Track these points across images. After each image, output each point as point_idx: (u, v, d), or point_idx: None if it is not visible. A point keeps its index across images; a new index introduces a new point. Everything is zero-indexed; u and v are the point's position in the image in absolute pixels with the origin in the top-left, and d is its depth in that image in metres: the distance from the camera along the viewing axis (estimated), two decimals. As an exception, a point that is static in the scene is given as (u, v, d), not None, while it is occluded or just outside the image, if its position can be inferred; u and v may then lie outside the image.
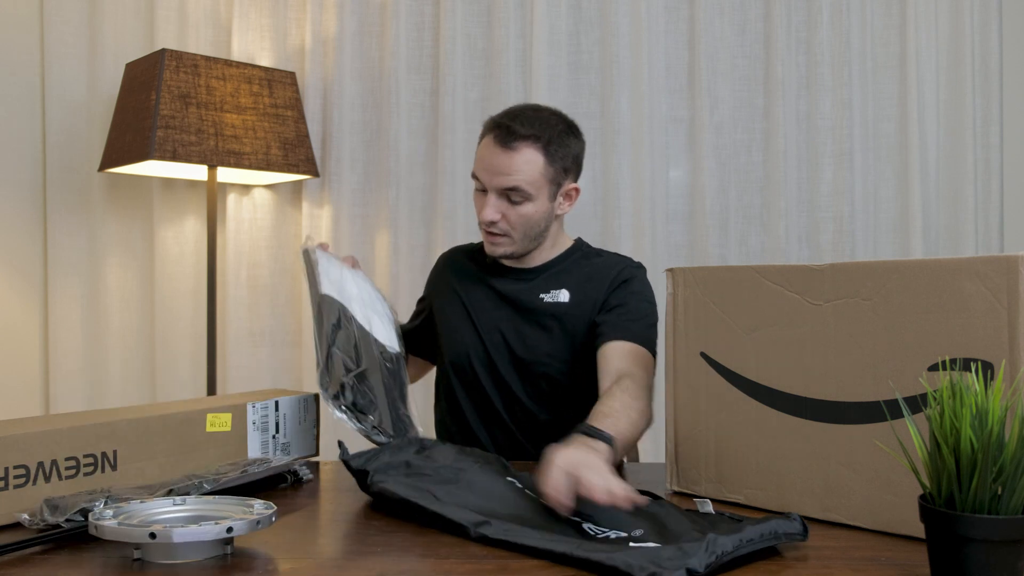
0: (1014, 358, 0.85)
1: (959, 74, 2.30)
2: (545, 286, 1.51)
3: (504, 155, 1.42)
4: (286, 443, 1.33)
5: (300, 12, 2.39)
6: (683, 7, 2.34)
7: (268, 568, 0.84)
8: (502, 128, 1.43)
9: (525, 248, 1.49)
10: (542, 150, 1.43)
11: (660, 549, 0.81)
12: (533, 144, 1.42)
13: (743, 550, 0.82)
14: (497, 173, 1.42)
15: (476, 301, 1.54)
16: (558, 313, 1.48)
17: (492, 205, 1.43)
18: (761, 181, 2.32)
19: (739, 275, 1.08)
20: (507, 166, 1.41)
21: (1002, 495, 0.70)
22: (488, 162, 1.43)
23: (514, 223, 1.45)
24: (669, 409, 1.16)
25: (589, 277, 1.51)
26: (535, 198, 1.44)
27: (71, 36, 2.34)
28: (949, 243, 2.31)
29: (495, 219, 1.44)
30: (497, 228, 1.45)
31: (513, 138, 1.41)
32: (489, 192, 1.44)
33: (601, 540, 0.87)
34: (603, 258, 1.56)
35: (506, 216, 1.44)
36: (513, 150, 1.41)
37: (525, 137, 1.42)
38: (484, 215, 1.44)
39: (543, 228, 1.49)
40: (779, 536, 0.86)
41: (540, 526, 0.93)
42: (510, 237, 1.47)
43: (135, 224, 2.40)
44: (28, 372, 2.35)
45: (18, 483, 1.00)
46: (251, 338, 2.36)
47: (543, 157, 1.43)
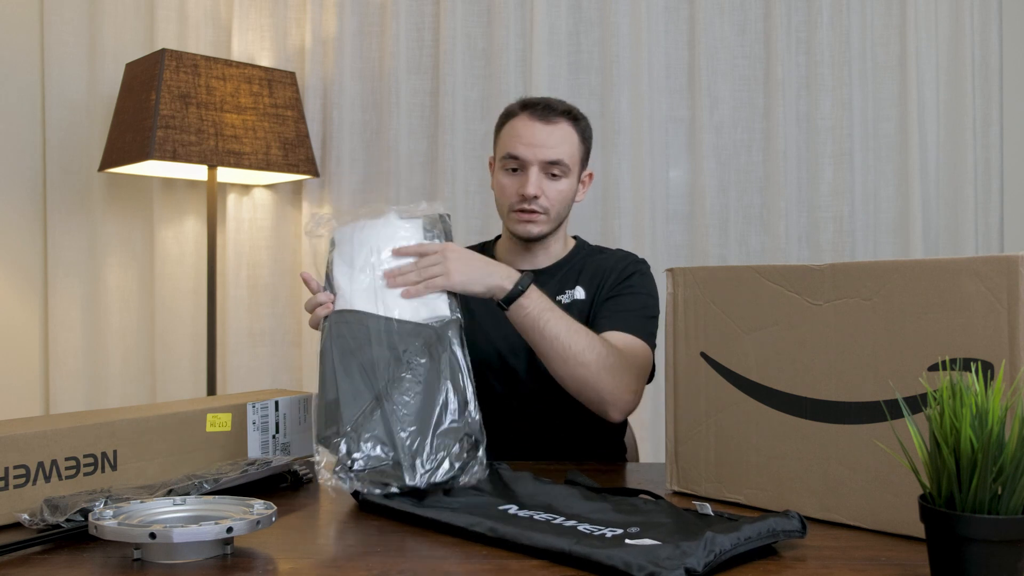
0: (1014, 358, 0.85)
1: (959, 74, 2.30)
2: (560, 287, 1.51)
3: (546, 129, 1.46)
4: (286, 443, 1.33)
5: (300, 12, 2.39)
6: (683, 7, 2.34)
7: (268, 568, 0.84)
8: (538, 106, 1.48)
9: (552, 229, 1.51)
10: (576, 127, 1.49)
11: (658, 547, 0.81)
12: (569, 121, 1.48)
13: (741, 548, 0.82)
14: (541, 146, 1.45)
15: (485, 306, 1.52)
16: (575, 310, 1.48)
17: (535, 179, 1.45)
18: (761, 181, 2.32)
19: (739, 275, 1.08)
20: (550, 139, 1.45)
21: (1002, 495, 0.70)
22: (530, 137, 1.46)
23: (553, 200, 1.47)
24: (669, 409, 1.16)
25: (596, 271, 1.52)
26: (571, 174, 1.49)
27: (71, 36, 2.34)
28: (949, 243, 2.31)
29: (538, 194, 1.45)
30: (538, 205, 1.46)
31: (553, 113, 1.47)
32: (532, 167, 1.45)
33: (597, 537, 0.87)
34: (608, 254, 1.58)
35: (545, 192, 1.47)
36: (554, 124, 1.46)
37: (563, 113, 1.48)
38: (528, 189, 1.45)
39: (568, 211, 1.53)
40: (777, 534, 0.86)
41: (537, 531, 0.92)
42: (547, 215, 1.48)
43: (135, 224, 2.40)
44: (28, 372, 2.35)
45: (18, 483, 1.00)
46: (251, 338, 2.36)
47: (577, 135, 1.49)
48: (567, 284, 1.52)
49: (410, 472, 1.02)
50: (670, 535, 0.86)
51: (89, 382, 2.35)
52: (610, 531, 0.89)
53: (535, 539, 0.86)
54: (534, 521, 0.94)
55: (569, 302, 1.49)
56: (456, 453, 1.04)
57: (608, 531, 0.89)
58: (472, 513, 0.97)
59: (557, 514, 0.97)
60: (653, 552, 0.79)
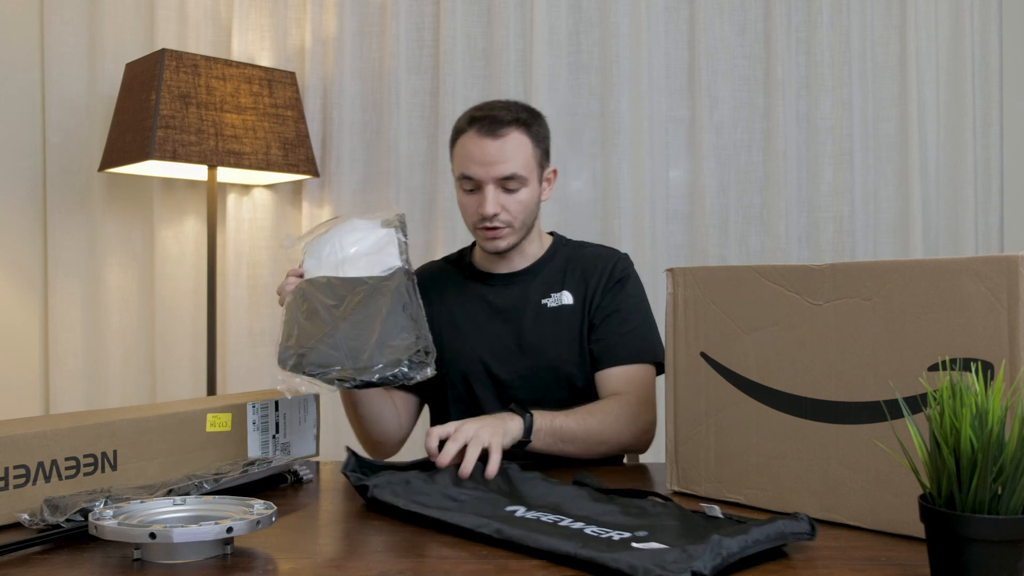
0: (1014, 358, 0.85)
1: (959, 74, 2.30)
2: (545, 290, 1.51)
3: (495, 144, 1.41)
4: (286, 443, 1.33)
5: (300, 12, 2.39)
6: (683, 7, 2.34)
7: (268, 568, 0.84)
8: (484, 120, 1.43)
9: (521, 237, 1.49)
10: (527, 132, 1.44)
11: (665, 551, 0.80)
12: (518, 128, 1.43)
13: (749, 551, 0.82)
14: (492, 163, 1.41)
15: (467, 315, 1.52)
16: (565, 316, 1.48)
17: (492, 197, 1.42)
18: (761, 181, 2.32)
19: (739, 275, 1.08)
20: (500, 154, 1.41)
21: (1002, 495, 0.70)
22: (479, 155, 1.42)
23: (514, 212, 1.44)
24: (669, 409, 1.16)
25: (583, 273, 1.51)
26: (529, 183, 1.45)
27: (71, 36, 2.34)
28: (949, 243, 2.31)
29: (497, 211, 1.43)
30: (499, 221, 1.44)
31: (499, 125, 1.42)
32: (486, 185, 1.42)
33: (604, 540, 0.87)
34: (590, 250, 1.56)
35: (505, 207, 1.44)
36: (502, 137, 1.42)
37: (510, 123, 1.42)
38: (486, 209, 1.42)
39: (536, 215, 1.50)
40: (786, 536, 0.86)
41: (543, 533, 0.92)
42: (512, 228, 1.46)
43: (135, 224, 2.40)
44: (28, 372, 2.35)
45: (18, 483, 1.00)
46: (251, 338, 2.36)
47: (529, 140, 1.45)
48: (552, 287, 1.51)
49: (362, 370, 1.16)
50: (677, 538, 0.86)
51: (89, 382, 2.35)
52: (617, 534, 0.89)
53: (541, 542, 0.86)
54: (541, 523, 0.94)
55: (556, 306, 1.48)
56: (407, 353, 1.18)
57: (615, 534, 0.89)
58: (479, 514, 0.97)
59: (564, 515, 0.97)
60: (660, 556, 0.78)
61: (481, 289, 1.53)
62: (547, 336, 1.47)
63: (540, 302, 1.49)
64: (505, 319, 1.49)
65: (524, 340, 1.47)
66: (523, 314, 1.49)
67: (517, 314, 1.49)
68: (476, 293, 1.53)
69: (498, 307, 1.50)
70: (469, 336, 1.50)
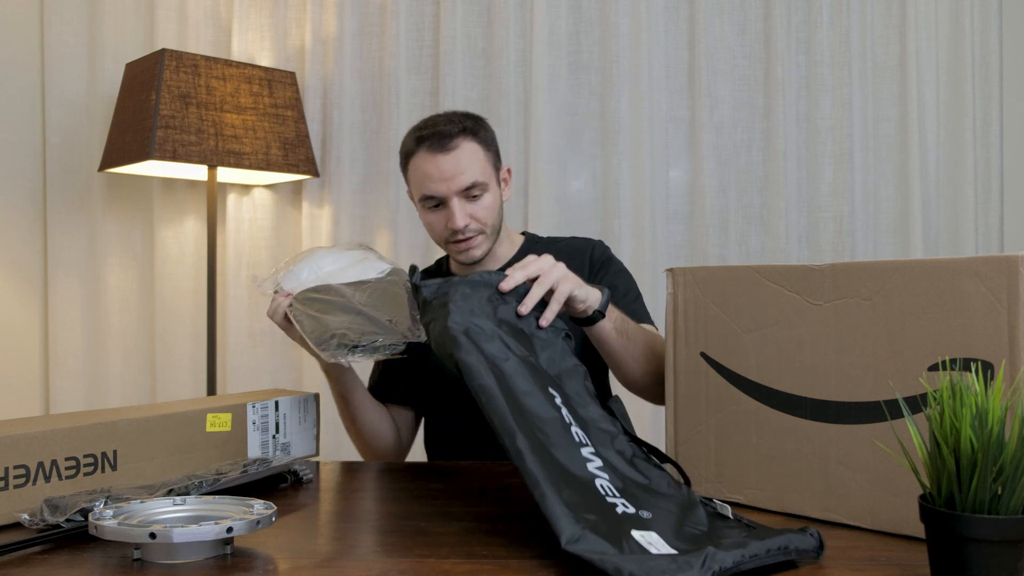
0: (1014, 358, 0.85)
1: (959, 74, 2.30)
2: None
3: (449, 158, 1.42)
4: (286, 443, 1.33)
5: (300, 12, 2.39)
6: (683, 7, 2.34)
7: (268, 568, 0.84)
8: (431, 137, 1.43)
9: (493, 242, 1.50)
10: (475, 139, 1.45)
11: (654, 558, 0.79)
12: (466, 137, 1.44)
13: (745, 566, 0.80)
14: (450, 177, 1.42)
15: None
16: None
17: (459, 210, 1.43)
18: (761, 181, 2.32)
19: (739, 275, 1.08)
20: (456, 167, 1.42)
21: (1002, 495, 0.70)
22: (436, 173, 1.42)
23: (483, 219, 1.46)
24: (669, 409, 1.16)
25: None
26: (490, 187, 1.46)
27: (71, 36, 2.34)
28: (949, 243, 2.31)
29: (467, 222, 1.44)
30: (471, 231, 1.45)
31: (448, 139, 1.42)
32: (451, 200, 1.43)
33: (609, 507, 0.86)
34: (563, 243, 1.58)
35: (473, 215, 1.45)
36: (454, 149, 1.42)
37: (456, 134, 1.43)
38: (456, 222, 1.42)
39: (501, 217, 1.51)
40: (789, 552, 0.84)
41: (563, 469, 0.89)
42: (484, 234, 1.47)
43: (135, 224, 2.40)
44: (28, 372, 2.35)
45: (18, 483, 1.00)
46: (251, 338, 2.36)
47: (480, 146, 1.46)
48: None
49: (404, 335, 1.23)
50: (675, 534, 0.85)
51: (89, 382, 2.35)
52: (623, 505, 0.87)
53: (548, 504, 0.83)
54: (568, 441, 0.92)
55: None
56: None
57: (621, 504, 0.87)
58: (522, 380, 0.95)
59: (590, 442, 0.94)
60: (645, 563, 0.77)
61: None
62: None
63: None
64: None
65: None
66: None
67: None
68: None
69: None
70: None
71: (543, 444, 0.91)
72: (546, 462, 0.89)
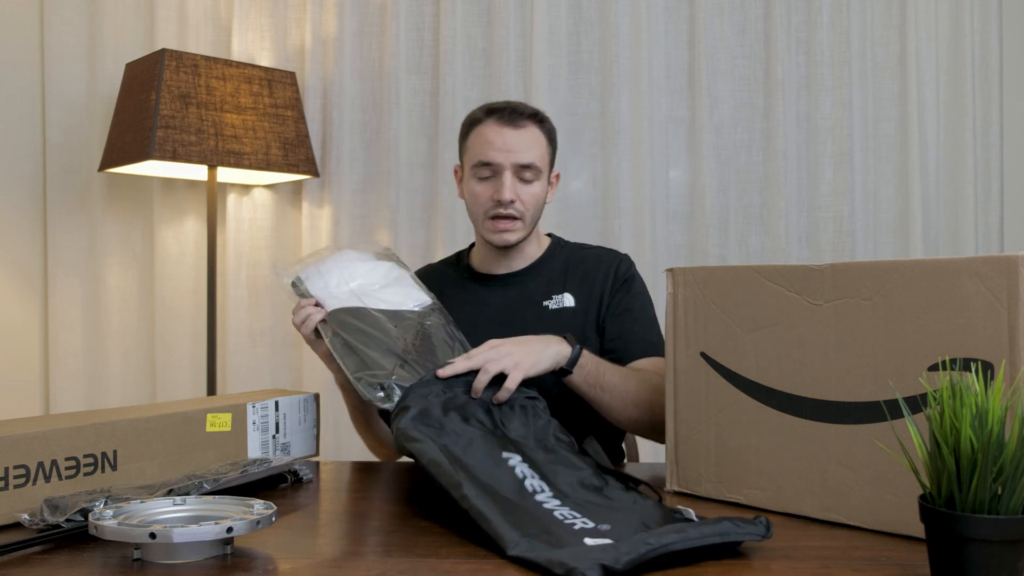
0: (1014, 358, 0.85)
1: (959, 74, 2.30)
2: (546, 291, 1.50)
3: (516, 133, 1.45)
4: (286, 443, 1.33)
5: (300, 12, 2.39)
6: (683, 7, 2.34)
7: (268, 568, 0.84)
8: (504, 111, 1.47)
9: (527, 234, 1.50)
10: (542, 129, 1.49)
11: (590, 548, 0.81)
12: (536, 123, 1.48)
13: (676, 547, 0.81)
14: (512, 150, 1.44)
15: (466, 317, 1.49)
16: (567, 319, 1.48)
17: (509, 183, 1.44)
18: (761, 181, 2.32)
19: (739, 275, 1.08)
20: (520, 142, 1.45)
21: (1002, 495, 0.70)
22: (500, 142, 1.45)
23: (527, 203, 1.47)
24: (669, 409, 1.16)
25: (586, 275, 1.51)
26: (542, 177, 1.49)
27: (71, 36, 2.34)
28: (949, 243, 2.31)
29: (514, 198, 1.45)
30: (514, 209, 1.45)
31: (520, 117, 1.46)
32: (505, 172, 1.44)
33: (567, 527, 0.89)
34: (590, 252, 1.57)
35: (520, 196, 1.46)
36: (523, 128, 1.46)
37: (530, 116, 1.47)
38: (504, 194, 1.43)
39: (540, 213, 1.52)
40: (728, 535, 0.85)
41: (512, 504, 0.94)
42: (522, 220, 1.47)
43: (135, 224, 2.40)
44: (28, 372, 2.35)
45: (18, 483, 1.00)
46: (251, 338, 2.36)
47: (544, 137, 1.49)
48: (553, 289, 1.51)
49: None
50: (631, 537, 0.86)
51: (89, 382, 2.35)
52: (582, 523, 0.91)
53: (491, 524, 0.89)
54: (520, 489, 0.97)
55: (558, 308, 1.48)
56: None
57: (580, 522, 0.91)
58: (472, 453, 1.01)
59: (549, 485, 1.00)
60: (578, 552, 0.80)
61: (480, 291, 1.54)
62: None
63: (541, 303, 1.49)
64: (505, 321, 1.49)
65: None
66: (523, 315, 1.48)
67: (517, 315, 1.49)
68: (475, 295, 1.53)
69: (497, 308, 1.50)
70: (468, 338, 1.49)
71: (493, 489, 0.96)
72: (494, 499, 0.94)
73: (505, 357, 1.18)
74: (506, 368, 1.17)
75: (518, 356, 1.19)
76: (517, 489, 0.98)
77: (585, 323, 1.48)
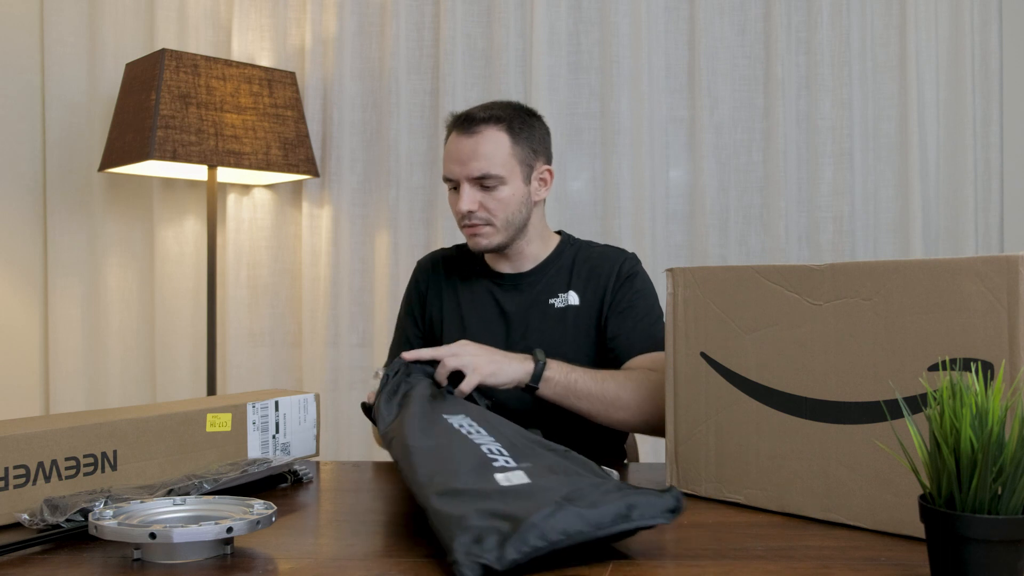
0: (1014, 358, 0.85)
1: (959, 74, 2.30)
2: (551, 290, 1.50)
3: (469, 141, 1.43)
4: (286, 443, 1.33)
5: (300, 12, 2.39)
6: (683, 7, 2.34)
7: (268, 568, 0.84)
8: (461, 118, 1.45)
9: (510, 237, 1.48)
10: (505, 129, 1.44)
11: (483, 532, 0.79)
12: (495, 125, 1.44)
13: (562, 544, 0.79)
14: (466, 161, 1.42)
15: (475, 313, 1.52)
16: (571, 316, 1.47)
17: (467, 195, 1.43)
18: (761, 181, 2.32)
19: (739, 275, 1.08)
20: (474, 151, 1.42)
21: (1002, 495, 0.70)
22: (455, 153, 1.44)
23: (493, 210, 1.44)
24: (669, 409, 1.16)
25: (591, 273, 1.50)
26: (508, 180, 1.44)
27: (71, 36, 2.34)
28: (949, 243, 2.31)
29: (472, 208, 1.43)
30: (476, 218, 1.44)
31: (474, 123, 1.43)
32: (462, 184, 1.43)
33: (487, 462, 0.92)
34: (596, 250, 1.56)
35: (484, 205, 1.44)
36: (477, 134, 1.43)
37: (485, 120, 1.43)
38: (461, 206, 1.43)
39: (524, 215, 1.48)
40: (630, 519, 0.82)
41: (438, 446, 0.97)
42: (493, 226, 1.45)
43: (135, 224, 2.40)
44: (28, 372, 2.35)
45: (18, 483, 1.00)
46: (251, 338, 2.36)
47: (507, 136, 1.44)
48: (558, 287, 1.50)
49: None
50: (543, 473, 0.88)
51: (89, 382, 2.35)
52: (505, 460, 0.93)
53: (408, 474, 0.92)
54: (451, 432, 1.00)
55: (563, 307, 1.48)
56: None
57: (504, 460, 0.93)
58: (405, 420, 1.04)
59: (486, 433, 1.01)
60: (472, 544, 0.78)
61: (490, 287, 1.53)
62: (553, 337, 1.47)
63: (547, 302, 1.49)
64: (511, 321, 1.49)
65: (530, 342, 1.47)
66: (530, 316, 1.49)
67: (524, 316, 1.49)
68: (485, 291, 1.53)
69: (505, 309, 1.51)
70: (476, 336, 1.49)
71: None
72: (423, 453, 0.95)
73: (466, 357, 1.21)
74: (465, 368, 1.19)
75: (479, 362, 1.21)
76: (448, 432, 1.01)
77: (589, 321, 1.48)
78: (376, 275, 2.37)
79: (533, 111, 1.52)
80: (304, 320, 2.36)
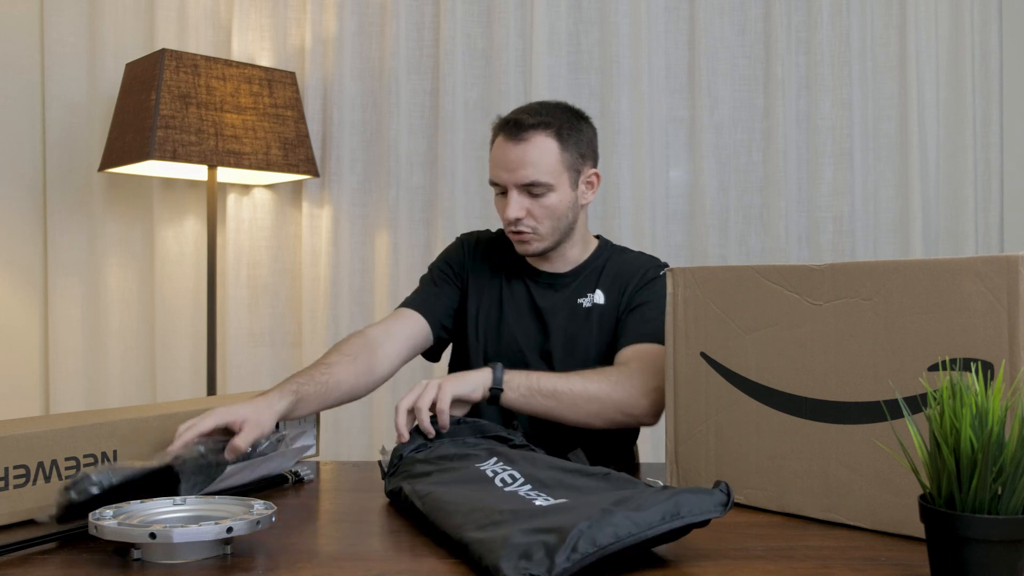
0: (1014, 358, 0.85)
1: (959, 74, 2.30)
2: (581, 290, 1.50)
3: (517, 148, 1.40)
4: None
5: (300, 12, 2.39)
6: (683, 7, 2.34)
7: (268, 568, 0.84)
8: (510, 123, 1.42)
9: (556, 242, 1.46)
10: (554, 136, 1.41)
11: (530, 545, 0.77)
12: (544, 131, 1.41)
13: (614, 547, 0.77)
14: (514, 168, 1.40)
15: (513, 306, 1.51)
16: (596, 315, 1.48)
17: (515, 202, 1.41)
18: (761, 181, 2.32)
19: (739, 275, 1.08)
20: (522, 159, 1.39)
21: (1002, 495, 0.70)
22: (503, 160, 1.41)
23: (540, 217, 1.42)
24: (669, 409, 1.16)
25: (618, 275, 1.50)
26: (556, 188, 1.42)
27: (71, 36, 2.34)
28: (949, 243, 2.31)
29: (520, 215, 1.41)
30: (524, 226, 1.42)
31: (522, 129, 1.40)
32: (510, 190, 1.41)
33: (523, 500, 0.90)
34: (630, 255, 1.55)
35: (531, 212, 1.42)
36: (525, 141, 1.40)
37: (534, 126, 1.40)
38: (508, 213, 1.41)
39: (571, 219, 1.46)
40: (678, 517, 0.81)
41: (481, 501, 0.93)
42: (538, 233, 1.44)
43: (135, 224, 2.40)
44: (28, 372, 2.35)
45: (18, 483, 1.00)
46: (251, 338, 2.36)
47: (556, 143, 1.41)
48: (587, 288, 1.50)
49: None
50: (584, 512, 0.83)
51: (89, 382, 2.35)
52: (543, 500, 0.90)
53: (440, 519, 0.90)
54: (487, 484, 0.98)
55: (589, 306, 1.48)
56: None
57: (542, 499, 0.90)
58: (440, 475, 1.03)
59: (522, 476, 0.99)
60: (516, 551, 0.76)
61: (528, 283, 1.53)
62: (577, 334, 1.47)
63: (576, 301, 1.49)
64: (544, 319, 1.49)
65: (558, 339, 1.47)
66: (559, 316, 1.49)
67: (554, 315, 1.49)
68: (523, 287, 1.52)
69: (539, 307, 1.50)
70: (510, 327, 1.50)
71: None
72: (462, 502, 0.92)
73: (427, 388, 1.21)
74: (427, 390, 1.20)
75: (439, 382, 1.22)
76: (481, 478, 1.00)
77: (610, 320, 1.48)
78: (376, 275, 2.37)
79: (581, 112, 1.49)
80: (304, 320, 2.36)
